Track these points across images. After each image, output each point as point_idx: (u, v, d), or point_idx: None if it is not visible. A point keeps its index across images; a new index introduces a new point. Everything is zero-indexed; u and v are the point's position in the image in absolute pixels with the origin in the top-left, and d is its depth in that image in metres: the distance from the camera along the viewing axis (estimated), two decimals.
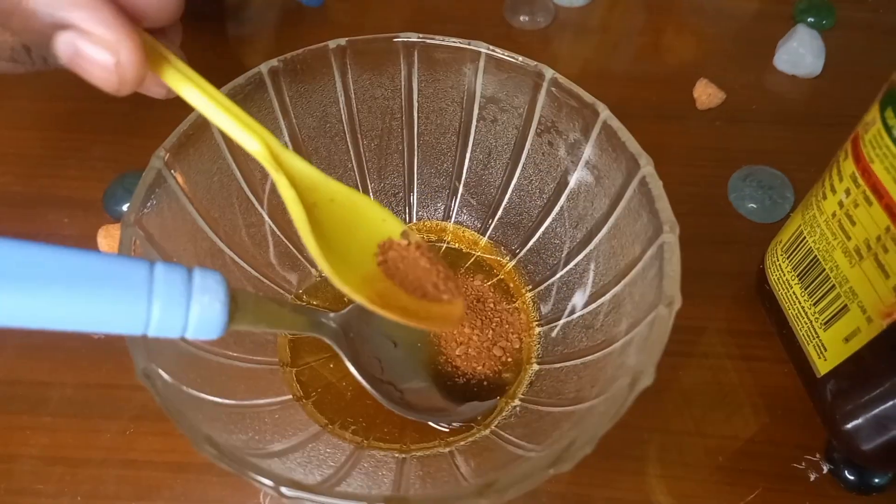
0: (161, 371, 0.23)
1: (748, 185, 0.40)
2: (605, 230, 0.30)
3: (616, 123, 0.28)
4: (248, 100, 0.30)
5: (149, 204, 0.27)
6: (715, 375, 0.34)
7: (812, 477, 0.31)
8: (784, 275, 0.33)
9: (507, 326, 0.34)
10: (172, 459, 0.32)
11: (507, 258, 0.36)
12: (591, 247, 0.31)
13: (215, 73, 0.30)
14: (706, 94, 0.45)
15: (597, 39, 0.50)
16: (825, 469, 0.31)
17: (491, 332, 0.33)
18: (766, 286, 0.35)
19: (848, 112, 0.32)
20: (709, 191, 0.41)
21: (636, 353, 0.24)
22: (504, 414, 0.31)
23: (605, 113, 0.28)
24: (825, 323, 0.31)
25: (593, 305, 0.30)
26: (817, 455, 0.32)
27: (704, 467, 0.32)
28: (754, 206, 0.40)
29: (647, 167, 0.27)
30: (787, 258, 0.33)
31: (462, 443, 0.30)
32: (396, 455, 0.29)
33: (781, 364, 0.35)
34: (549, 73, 0.30)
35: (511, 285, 0.35)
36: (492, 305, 0.34)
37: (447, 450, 0.29)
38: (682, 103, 0.45)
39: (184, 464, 0.32)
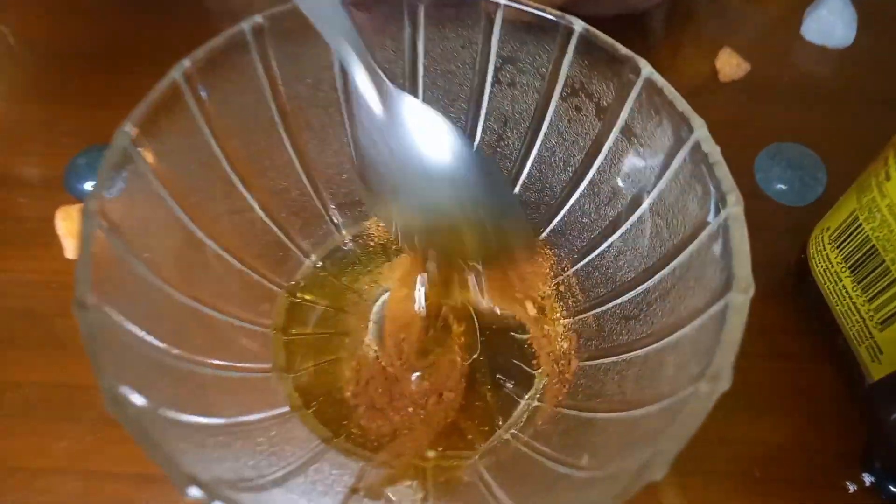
0: (134, 393, 0.19)
1: (776, 165, 0.37)
2: (645, 206, 0.26)
3: (660, 80, 0.24)
4: (228, 64, 0.25)
5: (114, 189, 0.22)
6: (740, 374, 0.31)
7: (851, 489, 0.28)
8: (832, 266, 0.30)
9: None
10: (139, 471, 0.28)
11: None
12: (627, 226, 0.27)
13: (193, 34, 0.26)
14: (730, 64, 0.41)
15: None
16: (867, 481, 0.28)
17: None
18: (809, 278, 0.31)
19: (882, 85, 0.28)
20: (733, 170, 0.37)
21: (700, 349, 0.21)
22: (535, 418, 0.27)
23: (647, 69, 0.24)
24: (882, 322, 0.27)
25: (632, 293, 0.26)
26: (857, 465, 0.29)
27: (727, 476, 0.28)
28: (783, 187, 0.36)
29: (701, 129, 0.23)
30: (837, 248, 0.29)
31: (490, 459, 0.26)
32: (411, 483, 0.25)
33: (817, 363, 0.31)
34: (578, 25, 0.26)
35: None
36: None
37: (472, 464, 0.26)
38: (703, 75, 0.41)
39: (151, 475, 0.28)
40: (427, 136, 0.26)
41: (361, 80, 0.25)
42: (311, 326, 0.30)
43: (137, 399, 0.20)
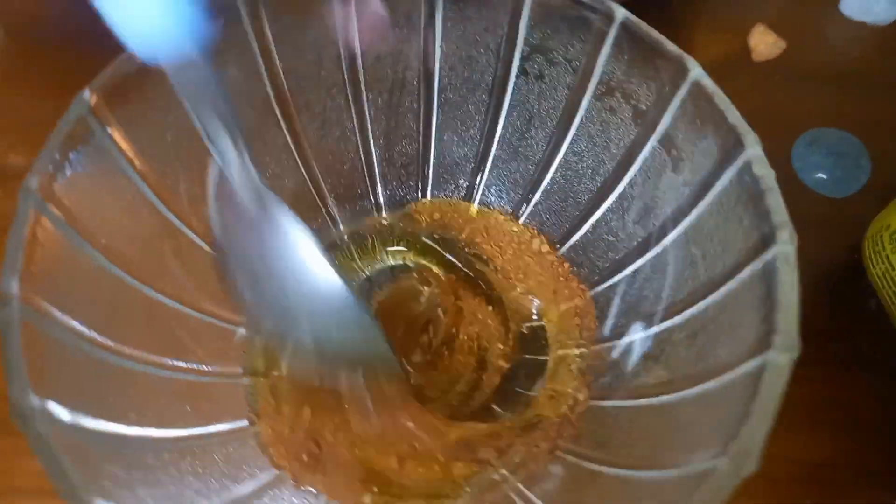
0: (55, 404, 0.17)
1: (815, 152, 0.34)
2: (680, 230, 0.22)
3: (711, 86, 0.20)
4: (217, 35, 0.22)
5: (69, 166, 0.20)
6: None
7: None
8: (893, 269, 0.26)
9: None
10: None
11: None
12: (658, 250, 0.23)
13: None
14: (765, 42, 0.37)
15: None
16: None
17: None
18: (866, 281, 0.28)
19: None
20: (768, 158, 0.34)
21: (726, 415, 0.17)
22: (531, 460, 0.24)
23: (695, 70, 0.21)
24: None
25: (655, 329, 0.23)
26: None
27: (759, 498, 0.25)
28: (823, 176, 0.33)
29: (753, 148, 0.19)
30: None
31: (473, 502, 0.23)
32: None
33: (865, 373, 0.28)
34: (619, 12, 0.22)
35: None
36: None
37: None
38: (735, 54, 0.37)
39: None
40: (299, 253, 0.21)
41: (234, 171, 0.20)
42: None
43: (59, 412, 0.17)
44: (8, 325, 0.17)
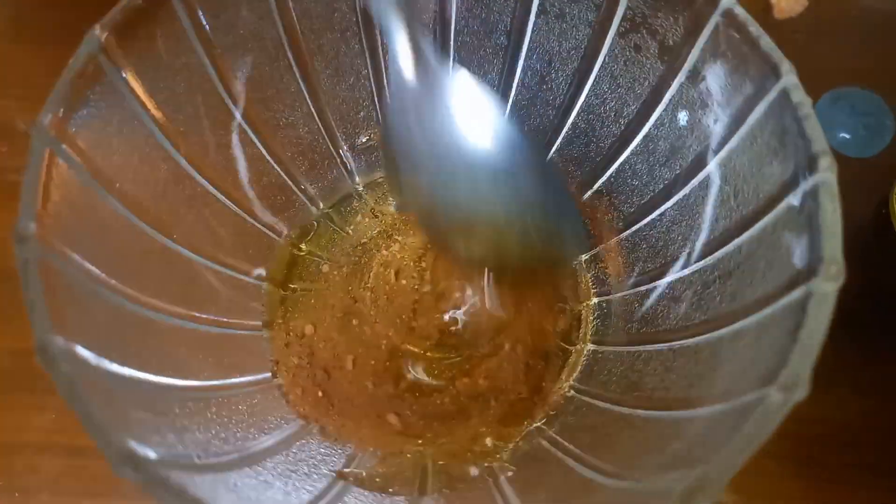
0: (77, 347, 0.16)
1: (839, 112, 0.33)
2: (711, 168, 0.22)
3: (742, 13, 0.20)
4: None
5: (80, 109, 0.19)
6: None
7: None
8: None
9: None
10: None
11: None
12: (686, 191, 0.23)
13: None
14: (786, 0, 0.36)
15: None
16: None
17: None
18: (892, 234, 0.28)
19: None
20: None
21: (769, 348, 0.17)
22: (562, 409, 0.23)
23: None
24: None
25: (686, 271, 0.22)
26: None
27: (783, 458, 0.25)
28: (847, 136, 0.32)
29: (789, 76, 0.19)
30: None
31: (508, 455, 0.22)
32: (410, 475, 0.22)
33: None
34: None
35: None
36: None
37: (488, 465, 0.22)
38: (755, 11, 0.36)
39: None
40: (469, 118, 0.21)
41: (398, 40, 0.20)
42: (312, 282, 0.26)
43: (84, 353, 0.16)
44: (26, 264, 0.16)
